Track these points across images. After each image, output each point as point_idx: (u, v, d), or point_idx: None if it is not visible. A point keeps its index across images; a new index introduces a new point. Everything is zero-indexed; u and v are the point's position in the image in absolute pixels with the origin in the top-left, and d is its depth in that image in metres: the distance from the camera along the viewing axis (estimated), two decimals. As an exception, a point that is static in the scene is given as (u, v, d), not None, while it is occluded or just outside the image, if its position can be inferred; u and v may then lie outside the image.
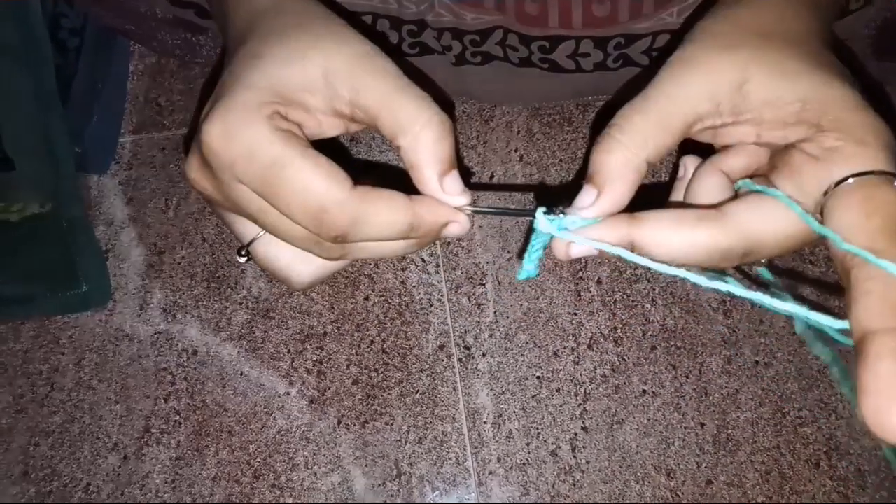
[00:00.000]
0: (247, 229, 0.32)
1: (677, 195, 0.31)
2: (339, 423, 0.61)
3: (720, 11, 0.28)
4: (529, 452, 0.60)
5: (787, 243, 0.26)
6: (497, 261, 0.65)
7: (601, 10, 0.42)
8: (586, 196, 0.27)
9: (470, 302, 0.64)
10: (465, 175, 0.68)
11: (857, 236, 0.23)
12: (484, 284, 0.65)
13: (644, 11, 0.42)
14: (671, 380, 0.62)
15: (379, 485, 0.60)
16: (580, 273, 0.65)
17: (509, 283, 0.65)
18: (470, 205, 0.30)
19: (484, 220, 0.66)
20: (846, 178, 0.24)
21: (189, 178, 0.30)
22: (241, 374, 0.63)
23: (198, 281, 0.65)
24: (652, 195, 0.30)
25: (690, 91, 0.26)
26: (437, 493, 0.60)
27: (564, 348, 0.63)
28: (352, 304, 0.64)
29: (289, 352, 0.63)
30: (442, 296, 0.64)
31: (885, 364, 0.20)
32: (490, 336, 0.63)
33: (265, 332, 0.64)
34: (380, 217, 0.27)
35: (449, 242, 0.66)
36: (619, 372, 0.62)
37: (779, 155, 0.27)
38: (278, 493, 0.60)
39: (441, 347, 0.63)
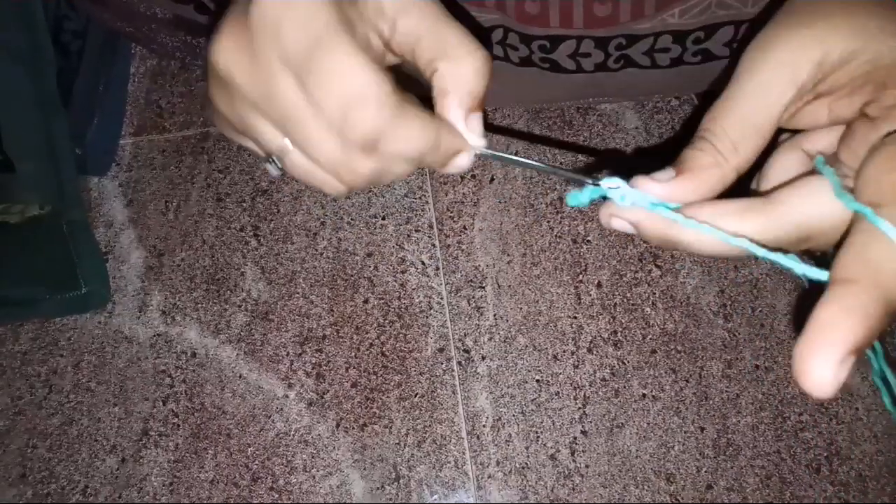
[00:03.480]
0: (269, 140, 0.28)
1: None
2: (337, 426, 0.61)
3: None
4: (529, 456, 0.60)
5: (846, 227, 0.23)
6: (497, 264, 0.65)
7: (602, 9, 0.42)
8: (664, 173, 0.26)
9: (469, 305, 0.64)
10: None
11: (866, 191, 0.21)
12: (483, 287, 0.65)
13: (645, 12, 0.42)
14: (671, 384, 0.62)
15: (377, 488, 0.60)
16: (580, 276, 0.64)
17: (509, 286, 0.64)
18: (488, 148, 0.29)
19: (484, 223, 0.66)
20: (889, 134, 0.22)
21: (215, 61, 0.26)
22: (240, 377, 0.63)
23: (197, 283, 0.65)
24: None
25: (772, 82, 0.25)
26: (435, 496, 0.59)
27: (564, 352, 0.63)
28: (351, 306, 0.64)
29: (288, 354, 0.63)
30: (441, 299, 0.64)
31: (826, 310, 0.19)
32: (489, 339, 0.63)
33: (264, 334, 0.64)
34: (412, 130, 0.26)
35: (449, 245, 0.65)
36: (618, 376, 0.62)
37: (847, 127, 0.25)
38: (276, 496, 0.60)
39: (440, 350, 0.63)
